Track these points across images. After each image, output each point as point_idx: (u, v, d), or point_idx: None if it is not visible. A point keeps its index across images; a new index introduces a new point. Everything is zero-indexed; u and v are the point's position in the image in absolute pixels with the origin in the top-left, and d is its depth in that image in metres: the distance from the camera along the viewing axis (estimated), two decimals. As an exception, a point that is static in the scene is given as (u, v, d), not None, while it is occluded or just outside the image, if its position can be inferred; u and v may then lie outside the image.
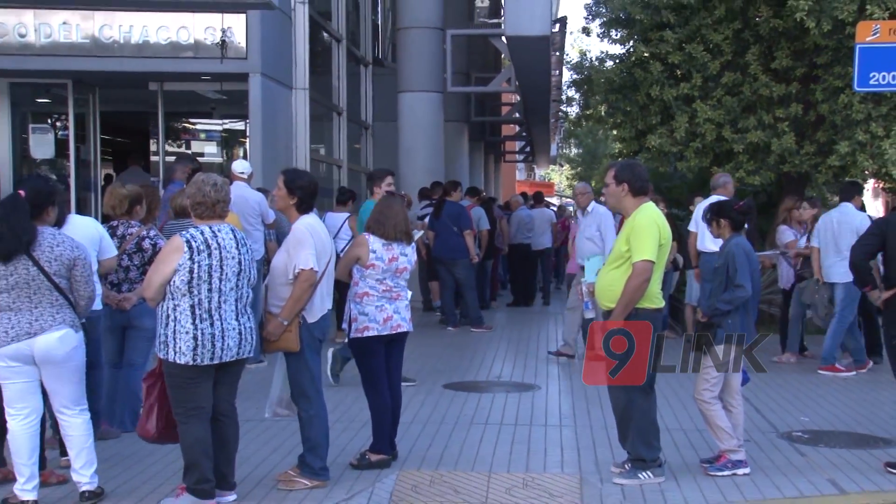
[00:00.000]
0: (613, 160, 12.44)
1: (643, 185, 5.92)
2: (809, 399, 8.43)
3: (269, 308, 5.60)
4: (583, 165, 48.64)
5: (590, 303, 6.52)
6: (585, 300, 6.62)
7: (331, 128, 16.19)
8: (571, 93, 16.90)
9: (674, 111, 12.52)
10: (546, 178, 56.70)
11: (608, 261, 6.01)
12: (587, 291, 6.40)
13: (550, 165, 51.13)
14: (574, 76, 15.82)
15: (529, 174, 53.31)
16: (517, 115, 25.29)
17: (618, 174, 5.92)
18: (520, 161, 41.41)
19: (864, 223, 8.80)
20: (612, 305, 5.79)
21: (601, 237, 9.61)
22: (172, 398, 5.23)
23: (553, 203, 29.37)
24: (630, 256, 5.74)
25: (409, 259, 6.33)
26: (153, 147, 14.53)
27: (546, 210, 17.83)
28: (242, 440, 5.67)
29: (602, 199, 7.74)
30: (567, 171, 56.85)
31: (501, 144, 33.51)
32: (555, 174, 59.89)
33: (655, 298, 5.85)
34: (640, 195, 5.90)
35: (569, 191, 56.72)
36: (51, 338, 5.21)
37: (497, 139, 31.31)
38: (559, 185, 57.22)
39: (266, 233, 9.70)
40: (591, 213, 9.88)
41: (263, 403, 5.99)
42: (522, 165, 46.88)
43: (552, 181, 55.31)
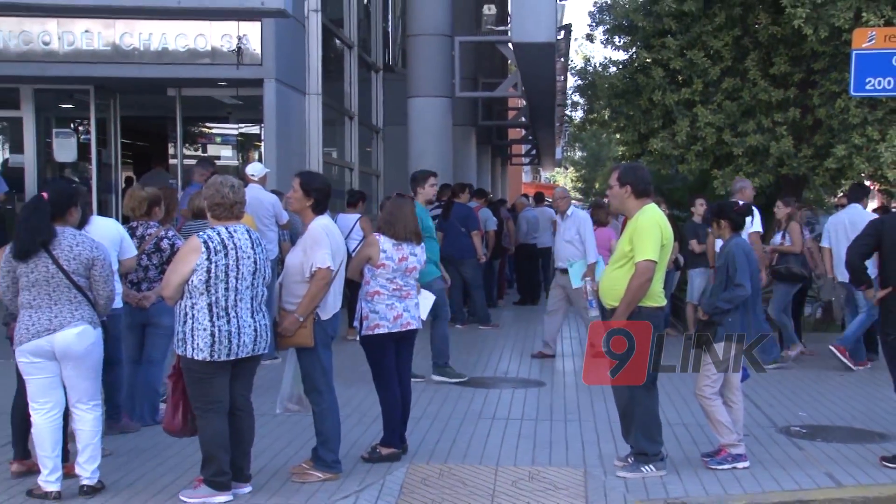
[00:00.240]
0: (617, 163, 12.44)
1: (646, 187, 5.91)
2: (807, 395, 8.41)
3: (284, 305, 5.60)
4: (587, 168, 48.58)
5: (594, 301, 6.52)
6: (590, 299, 6.62)
7: (343, 131, 16.20)
8: (576, 97, 16.94)
9: (675, 115, 12.51)
10: (551, 181, 56.63)
11: (612, 260, 6.01)
12: (591, 290, 6.41)
13: (555, 168, 51.12)
14: (578, 81, 15.85)
15: (535, 176, 53.29)
16: (523, 120, 25.26)
17: (621, 176, 5.92)
18: (526, 164, 41.40)
19: None
20: (616, 304, 5.78)
21: (581, 240, 9.71)
22: (191, 393, 5.24)
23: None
24: (633, 256, 5.73)
25: (419, 259, 6.34)
26: (171, 150, 14.58)
27: (547, 209, 17.75)
28: (258, 434, 5.66)
29: (605, 200, 7.77)
30: (572, 174, 56.77)
31: (508, 147, 33.50)
32: (560, 176, 59.83)
33: (658, 297, 5.84)
34: (643, 197, 5.90)
35: (574, 193, 56.73)
36: (69, 333, 5.22)
37: (504, 142, 31.31)
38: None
39: (280, 233, 9.71)
40: (571, 217, 9.97)
41: (277, 399, 5.99)
42: (528, 168, 46.86)
43: (557, 183, 55.24)
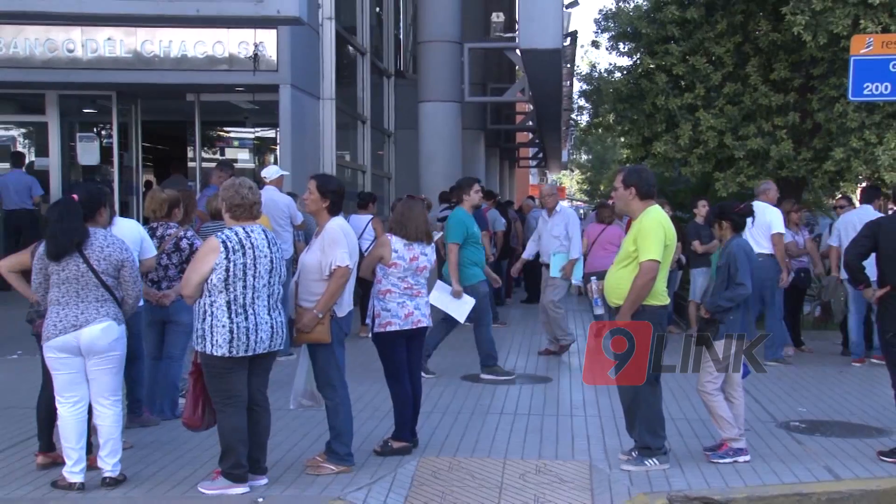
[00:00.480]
0: (622, 165, 12.41)
1: (650, 189, 5.91)
2: (807, 391, 8.39)
3: (301, 303, 5.61)
4: (592, 171, 48.53)
5: (598, 300, 6.51)
6: (595, 297, 6.61)
7: (355, 135, 16.23)
8: (582, 102, 16.85)
9: (678, 119, 12.48)
10: (558, 183, 56.57)
11: (617, 260, 6.00)
12: (597, 289, 6.39)
13: (562, 171, 51.05)
14: (584, 87, 15.79)
15: (542, 179, 53.16)
16: (530, 124, 25.25)
17: (626, 179, 5.92)
18: (533, 167, 41.36)
19: None
20: (620, 302, 5.79)
21: (567, 236, 9.80)
22: (211, 388, 5.27)
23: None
24: (637, 256, 5.74)
25: (429, 258, 6.35)
26: (190, 154, 14.64)
27: None
28: (273, 428, 5.68)
29: (611, 201, 7.76)
30: (578, 176, 56.71)
31: (515, 151, 33.49)
32: (566, 179, 59.76)
33: (661, 296, 5.84)
34: (647, 198, 5.90)
35: (580, 195, 56.69)
36: (94, 329, 5.24)
37: (511, 146, 31.29)
38: (570, 190, 57.04)
39: (295, 234, 9.74)
40: (559, 213, 10.03)
41: (290, 395, 6.00)
42: (535, 170, 46.81)
43: (563, 185, 55.17)
